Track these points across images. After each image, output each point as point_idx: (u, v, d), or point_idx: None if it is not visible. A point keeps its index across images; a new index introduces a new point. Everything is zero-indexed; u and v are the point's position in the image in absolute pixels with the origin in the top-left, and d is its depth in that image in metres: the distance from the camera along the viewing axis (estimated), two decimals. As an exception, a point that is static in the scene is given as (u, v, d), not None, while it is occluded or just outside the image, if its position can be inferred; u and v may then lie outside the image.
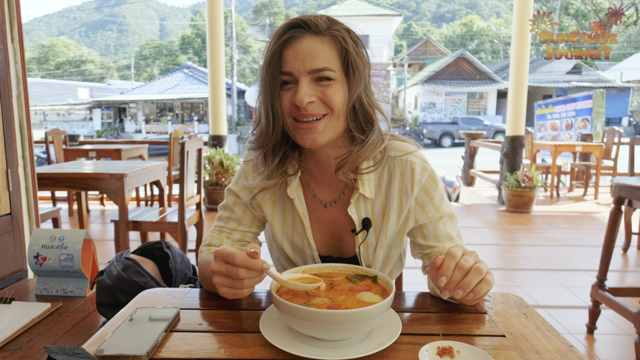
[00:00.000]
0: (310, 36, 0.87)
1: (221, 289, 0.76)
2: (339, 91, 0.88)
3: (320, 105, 0.88)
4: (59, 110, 26.87)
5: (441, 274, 0.73)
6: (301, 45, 0.86)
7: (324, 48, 0.87)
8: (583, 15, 38.16)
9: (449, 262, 0.73)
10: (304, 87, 0.86)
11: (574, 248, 4.02)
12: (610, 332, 2.45)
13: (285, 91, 0.89)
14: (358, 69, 0.89)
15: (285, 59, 0.87)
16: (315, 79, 0.87)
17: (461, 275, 0.72)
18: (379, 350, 0.67)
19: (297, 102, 0.85)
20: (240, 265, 0.72)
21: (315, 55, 0.86)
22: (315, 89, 0.87)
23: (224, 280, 0.75)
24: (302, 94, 0.85)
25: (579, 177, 7.11)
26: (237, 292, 0.75)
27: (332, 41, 0.88)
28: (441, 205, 0.98)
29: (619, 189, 2.22)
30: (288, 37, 0.87)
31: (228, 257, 0.73)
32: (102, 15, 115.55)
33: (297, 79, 0.87)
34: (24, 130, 1.82)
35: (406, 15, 62.32)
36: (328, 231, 1.02)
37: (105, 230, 4.57)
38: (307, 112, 0.87)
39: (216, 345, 0.70)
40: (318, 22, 0.88)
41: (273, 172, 0.96)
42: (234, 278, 0.73)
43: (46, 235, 1.28)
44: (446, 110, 27.01)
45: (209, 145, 5.76)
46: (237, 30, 35.29)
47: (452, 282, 0.73)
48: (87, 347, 0.69)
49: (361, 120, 0.93)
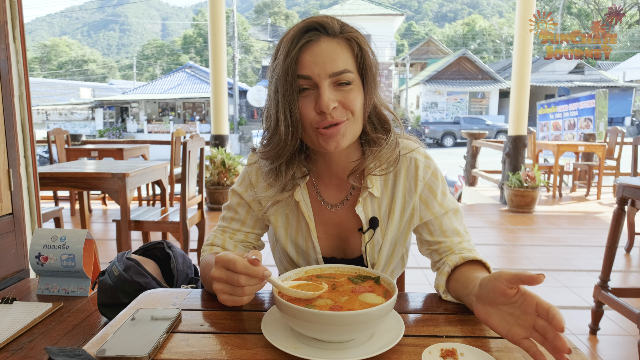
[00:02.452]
0: (327, 39, 0.85)
1: (221, 295, 0.75)
2: (359, 95, 0.87)
3: (342, 110, 0.86)
4: (61, 109, 26.94)
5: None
6: (320, 49, 0.83)
7: (341, 50, 0.85)
8: (586, 14, 38.07)
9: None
10: (327, 91, 0.83)
11: (576, 248, 4.01)
12: (613, 333, 2.43)
13: (303, 98, 0.85)
14: (372, 71, 0.89)
15: (303, 63, 0.83)
16: (335, 83, 0.85)
17: None
18: (382, 352, 0.66)
19: (322, 108, 0.82)
20: (242, 273, 0.71)
21: (334, 57, 0.83)
22: (336, 94, 0.85)
23: (224, 287, 0.74)
24: (326, 99, 0.82)
25: (581, 177, 7.09)
26: (237, 300, 0.75)
27: (347, 44, 0.86)
28: (444, 200, 0.97)
29: (621, 189, 2.21)
30: (306, 40, 0.84)
31: (229, 263, 0.72)
32: (104, 15, 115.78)
33: (317, 83, 0.83)
34: (25, 130, 1.82)
35: (408, 15, 62.24)
36: (333, 232, 1.01)
37: (107, 230, 4.57)
38: (331, 117, 0.84)
39: (218, 347, 0.70)
40: (333, 24, 0.86)
41: (287, 185, 0.94)
42: (234, 285, 0.73)
43: (48, 235, 1.28)
44: (448, 110, 26.97)
45: (211, 145, 5.76)
46: (239, 30, 35.32)
47: None
48: (88, 348, 0.69)
49: (375, 122, 0.93)
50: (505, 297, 0.68)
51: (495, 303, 0.70)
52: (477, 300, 0.73)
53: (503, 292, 0.67)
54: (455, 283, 0.86)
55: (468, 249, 0.96)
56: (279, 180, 0.94)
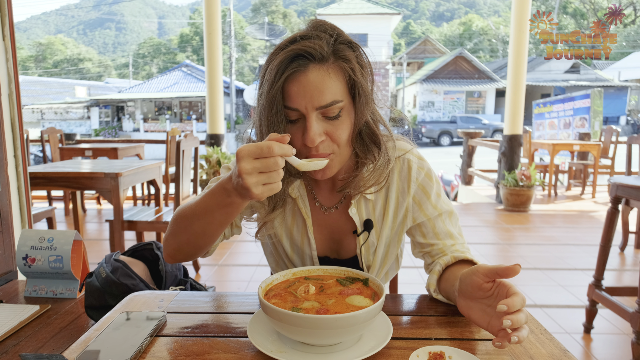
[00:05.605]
0: (315, 67, 0.80)
1: (256, 189, 0.68)
2: (347, 124, 0.84)
3: (328, 143, 0.84)
4: (56, 108, 26.77)
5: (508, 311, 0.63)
6: (307, 79, 0.79)
7: (330, 80, 0.80)
8: (581, 14, 38.20)
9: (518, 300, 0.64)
10: (314, 125, 0.80)
11: (571, 247, 4.02)
12: (607, 332, 2.44)
13: (291, 126, 0.83)
14: (365, 92, 0.85)
15: (290, 94, 0.80)
16: (323, 114, 0.82)
17: None
18: (370, 356, 0.65)
19: (307, 143, 0.81)
20: (279, 155, 0.68)
21: (322, 89, 0.79)
22: (324, 126, 0.82)
23: (259, 178, 0.68)
24: (312, 134, 0.80)
25: (576, 176, 7.11)
26: (276, 186, 0.70)
27: (338, 68, 0.82)
28: (438, 202, 0.96)
29: (616, 188, 2.21)
30: (292, 70, 0.80)
31: (262, 151, 0.67)
32: (100, 13, 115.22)
33: (305, 115, 0.81)
34: (15, 129, 1.80)
35: (405, 14, 62.26)
36: (327, 234, 1.00)
37: (101, 230, 4.54)
38: (317, 151, 0.83)
39: (202, 351, 0.69)
40: (322, 49, 0.80)
41: (278, 202, 0.93)
42: (272, 170, 0.68)
43: (35, 236, 1.26)
44: (445, 109, 27.00)
45: (207, 144, 5.74)
46: (236, 28, 35.21)
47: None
48: (70, 352, 0.68)
49: (367, 141, 0.91)
50: (482, 290, 0.69)
51: (475, 297, 0.71)
52: (459, 295, 0.75)
53: (480, 286, 0.69)
54: (445, 282, 0.86)
55: (461, 250, 0.95)
56: (270, 201, 0.93)
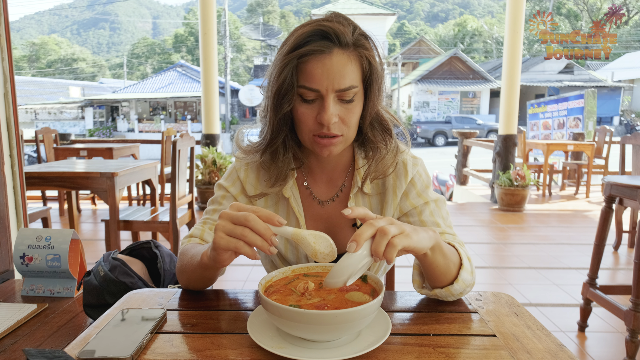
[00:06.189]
0: (338, 51, 0.83)
1: (239, 246, 0.70)
2: (358, 109, 0.89)
3: (339, 125, 0.87)
4: (50, 108, 26.57)
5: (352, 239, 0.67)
6: (331, 62, 0.83)
7: (351, 65, 0.84)
8: (575, 15, 38.45)
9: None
10: (332, 106, 0.84)
11: (565, 246, 4.05)
12: (602, 330, 2.46)
13: (305, 105, 0.87)
14: (378, 82, 0.89)
15: (313, 75, 0.83)
16: (339, 97, 0.86)
17: None
18: (369, 351, 0.66)
19: (324, 122, 0.84)
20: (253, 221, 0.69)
21: (344, 74, 0.83)
22: (338, 108, 0.86)
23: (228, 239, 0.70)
24: (329, 114, 0.84)
25: (570, 175, 7.16)
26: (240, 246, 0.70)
27: (358, 56, 0.86)
28: (424, 191, 0.99)
29: (609, 187, 2.24)
30: (317, 48, 0.82)
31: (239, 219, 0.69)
32: (94, 13, 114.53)
33: (324, 96, 0.84)
34: (11, 129, 1.79)
35: (400, 15, 62.35)
36: (322, 228, 1.01)
37: (96, 230, 4.52)
38: (329, 131, 0.86)
39: (203, 347, 0.69)
40: (346, 33, 0.84)
41: (280, 174, 0.95)
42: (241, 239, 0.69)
43: (32, 235, 1.26)
44: (440, 110, 27.10)
45: (202, 144, 5.73)
46: (231, 28, 35.15)
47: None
48: (71, 349, 0.68)
49: (378, 129, 0.95)
50: None
51: None
52: None
53: None
54: None
55: (447, 240, 0.95)
56: (273, 167, 0.96)
